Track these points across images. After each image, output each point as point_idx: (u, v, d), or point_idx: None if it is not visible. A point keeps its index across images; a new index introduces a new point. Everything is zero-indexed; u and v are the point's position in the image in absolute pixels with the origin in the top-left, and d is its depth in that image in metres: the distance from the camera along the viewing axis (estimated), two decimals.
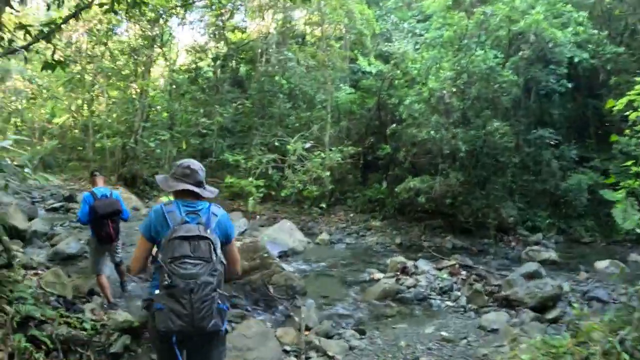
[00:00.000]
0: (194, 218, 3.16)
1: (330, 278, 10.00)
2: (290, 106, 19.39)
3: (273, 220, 15.64)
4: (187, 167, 3.34)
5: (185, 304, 2.90)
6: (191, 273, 2.92)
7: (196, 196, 3.31)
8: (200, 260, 2.97)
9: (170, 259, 2.94)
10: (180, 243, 2.98)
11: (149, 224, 3.21)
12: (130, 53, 20.38)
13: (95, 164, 20.91)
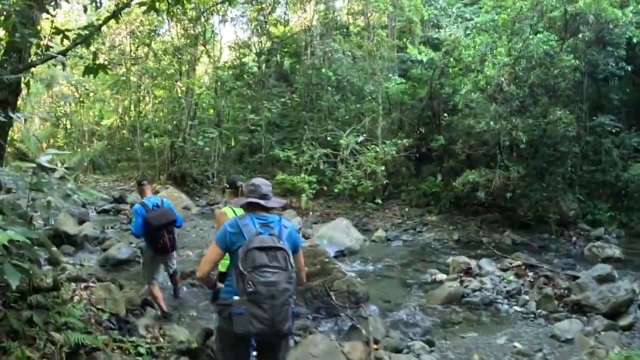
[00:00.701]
0: (266, 230, 3.47)
1: (390, 280, 9.70)
2: (339, 98, 19.11)
3: (326, 216, 15.45)
4: (252, 184, 3.73)
5: (267, 309, 3.20)
6: (271, 281, 3.22)
7: (263, 208, 3.62)
8: (278, 269, 3.27)
9: (252, 267, 3.23)
10: (259, 254, 3.27)
11: (224, 234, 3.51)
12: (174, 52, 20.46)
13: (144, 164, 21.36)
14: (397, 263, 10.90)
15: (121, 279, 8.52)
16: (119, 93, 22.85)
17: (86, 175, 21.62)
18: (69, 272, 7.21)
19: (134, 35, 20.73)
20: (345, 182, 15.40)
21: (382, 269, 10.48)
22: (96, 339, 4.55)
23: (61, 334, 4.32)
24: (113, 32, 20.87)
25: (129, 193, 17.83)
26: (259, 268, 3.24)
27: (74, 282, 6.84)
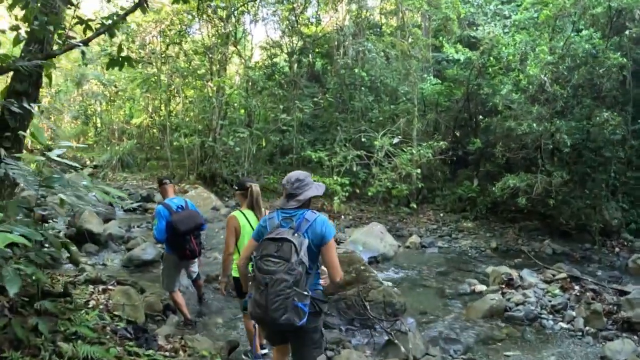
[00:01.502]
0: (288, 223, 3.62)
1: (427, 289, 9.24)
2: (373, 99, 18.68)
3: (359, 220, 15.03)
4: (283, 183, 3.85)
5: (260, 293, 3.38)
6: (269, 269, 3.37)
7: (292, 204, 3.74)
8: (280, 259, 3.38)
9: (260, 256, 3.47)
10: (268, 243, 3.48)
11: (258, 228, 3.81)
12: (204, 52, 20.24)
13: (174, 163, 21.13)
14: (433, 271, 10.42)
15: (144, 280, 8.36)
16: (149, 92, 22.72)
17: (114, 173, 21.53)
18: (87, 274, 6.88)
19: (164, 34, 20.56)
20: (379, 185, 14.83)
21: (418, 277, 10.00)
22: (108, 351, 4.18)
23: (69, 345, 3.98)
24: (143, 30, 20.87)
25: (156, 192, 17.20)
26: (265, 257, 3.43)
27: (92, 284, 6.55)
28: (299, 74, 20.92)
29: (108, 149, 23.78)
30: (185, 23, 20.23)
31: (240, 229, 5.01)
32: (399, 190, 14.99)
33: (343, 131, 17.54)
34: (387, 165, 15.22)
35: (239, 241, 5.01)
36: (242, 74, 21.56)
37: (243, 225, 5.02)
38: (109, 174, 21.38)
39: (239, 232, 5.00)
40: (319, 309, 3.73)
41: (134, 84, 23.22)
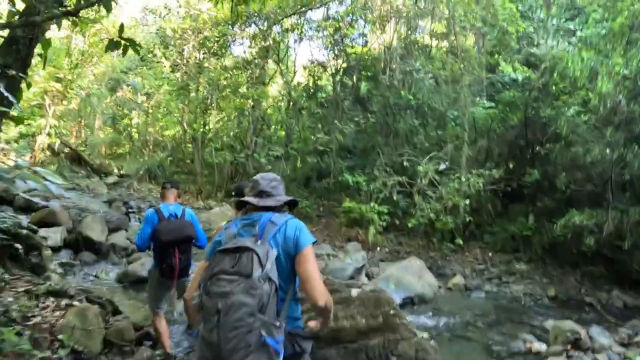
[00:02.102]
0: (248, 230, 2.81)
1: (470, 343, 7.54)
2: (419, 123, 17.21)
3: (396, 254, 13.42)
4: (253, 180, 3.09)
5: (211, 328, 2.44)
6: (222, 291, 2.46)
7: (259, 208, 2.93)
8: (236, 275, 2.50)
9: (209, 275, 2.57)
10: (221, 257, 2.61)
11: (212, 245, 2.91)
12: (243, 65, 19.61)
13: (204, 179, 20.30)
14: (479, 321, 8.66)
15: (136, 299, 7.49)
16: (184, 103, 22.05)
17: (140, 184, 21.12)
18: (50, 284, 5.64)
19: (202, 44, 19.83)
20: (422, 215, 13.19)
21: (460, 326, 8.30)
22: None
23: None
24: (179, 37, 20.36)
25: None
26: (216, 275, 2.55)
27: (54, 296, 5.33)
28: (342, 96, 19.84)
29: (140, 160, 23.61)
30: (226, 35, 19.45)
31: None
32: (443, 223, 13.24)
33: (384, 156, 16.07)
34: (432, 195, 13.58)
35: None
36: (284, 93, 20.57)
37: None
38: (135, 184, 20.99)
39: None
40: (301, 349, 2.79)
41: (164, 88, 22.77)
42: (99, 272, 8.99)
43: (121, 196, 18.20)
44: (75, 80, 22.31)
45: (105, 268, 9.31)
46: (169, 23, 21.22)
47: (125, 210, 14.96)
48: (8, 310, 4.13)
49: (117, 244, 10.34)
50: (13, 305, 4.39)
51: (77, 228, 10.22)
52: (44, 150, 20.93)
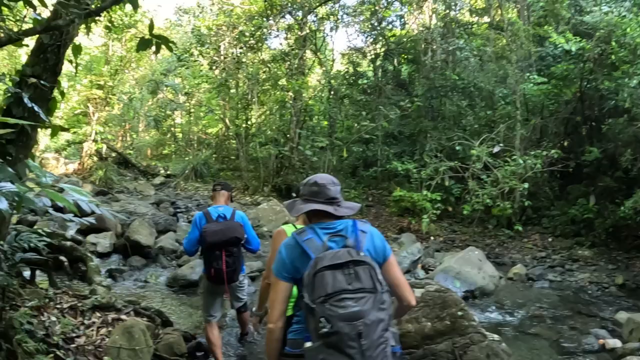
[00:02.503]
0: (338, 241, 2.51)
1: (538, 340, 7.01)
2: (467, 104, 16.61)
3: (450, 243, 12.92)
4: (314, 183, 2.70)
5: (354, 355, 2.21)
6: (355, 312, 2.23)
7: (331, 216, 2.61)
8: (362, 292, 2.29)
9: (324, 297, 2.25)
10: (332, 275, 2.30)
11: (282, 261, 2.56)
12: (282, 57, 19.41)
13: (249, 174, 20.29)
14: (545, 314, 8.06)
15: (187, 305, 7.31)
16: (225, 100, 22.08)
17: (187, 183, 21.27)
18: (96, 297, 5.38)
19: (239, 40, 19.74)
20: (477, 202, 12.65)
21: (526, 321, 7.74)
22: None
23: None
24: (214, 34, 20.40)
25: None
26: (335, 295, 2.26)
27: (101, 311, 5.09)
28: (384, 81, 19.41)
29: (185, 159, 23.90)
30: (261, 27, 19.26)
31: None
32: (500, 209, 12.63)
33: (434, 140, 15.54)
34: (486, 179, 13.00)
35: None
36: (324, 83, 20.27)
37: None
38: (181, 183, 21.24)
39: None
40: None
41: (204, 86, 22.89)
42: (148, 276, 8.84)
43: (168, 196, 18.33)
44: (117, 86, 22.68)
45: (155, 272, 9.17)
46: (203, 21, 21.25)
47: (173, 211, 15.03)
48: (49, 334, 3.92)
49: (165, 247, 10.21)
50: (56, 326, 4.19)
51: (125, 232, 10.18)
52: (91, 156, 21.29)
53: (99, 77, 21.21)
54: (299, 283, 2.50)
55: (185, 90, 24.83)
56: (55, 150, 25.26)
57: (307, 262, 2.43)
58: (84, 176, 20.43)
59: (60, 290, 5.60)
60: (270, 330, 2.53)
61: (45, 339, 3.77)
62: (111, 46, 22.37)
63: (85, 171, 20.97)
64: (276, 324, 2.52)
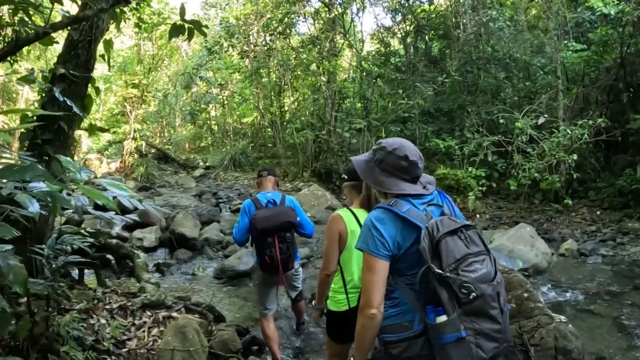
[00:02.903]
0: (434, 210, 2.39)
1: (598, 319, 6.78)
2: (504, 76, 16.12)
3: (497, 220, 12.66)
4: (404, 157, 2.41)
5: (496, 315, 2.19)
6: (485, 273, 2.19)
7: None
8: (482, 254, 2.25)
9: (454, 264, 2.14)
10: (453, 241, 2.20)
11: (379, 237, 2.27)
12: (311, 41, 19.38)
13: (287, 160, 20.41)
14: (602, 291, 7.88)
15: (235, 297, 7.24)
16: (257, 88, 22.19)
17: (226, 173, 21.53)
18: (146, 295, 5.29)
19: (267, 27, 19.73)
20: (524, 176, 12.32)
21: (583, 299, 7.56)
22: None
23: None
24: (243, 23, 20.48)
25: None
26: (464, 260, 2.16)
27: (151, 309, 5.01)
28: (416, 59, 19.07)
29: (223, 150, 24.17)
30: (289, 13, 19.16)
31: (347, 237, 3.45)
32: (549, 182, 12.26)
33: (474, 114, 15.15)
34: (532, 152, 12.60)
35: (344, 255, 3.49)
36: (355, 65, 20.06)
37: (352, 232, 3.43)
38: (221, 174, 21.48)
39: (345, 241, 3.46)
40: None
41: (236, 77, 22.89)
42: (195, 269, 8.84)
43: (209, 188, 18.52)
44: (151, 84, 23.12)
45: (202, 264, 9.18)
46: (230, 12, 21.23)
47: (215, 202, 15.18)
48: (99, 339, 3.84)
49: (210, 238, 10.27)
50: (106, 329, 4.12)
51: (170, 226, 10.25)
52: (131, 153, 21.66)
53: (133, 77, 21.62)
54: (395, 261, 2.33)
55: (218, 82, 24.96)
56: (98, 151, 25.86)
57: (412, 234, 2.28)
58: (126, 173, 20.86)
59: (109, 290, 5.58)
60: (372, 316, 2.27)
61: (94, 345, 3.68)
62: (142, 46, 22.70)
63: (127, 168, 21.38)
64: (378, 308, 2.27)
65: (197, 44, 26.00)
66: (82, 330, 3.65)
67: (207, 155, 26.19)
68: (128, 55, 25.14)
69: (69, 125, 4.85)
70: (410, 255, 2.29)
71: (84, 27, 4.88)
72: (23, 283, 2.13)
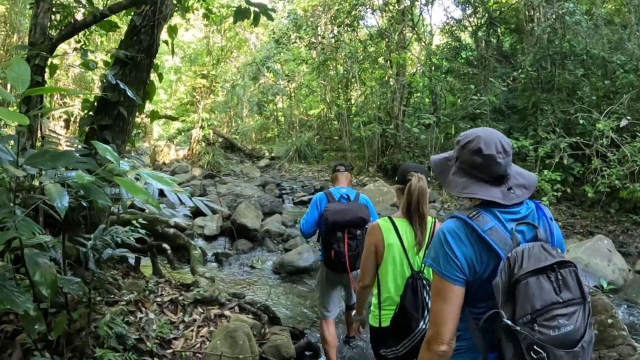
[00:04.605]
0: (525, 231, 1.87)
1: None
2: (581, 74, 15.24)
3: (570, 229, 11.88)
4: (478, 151, 1.93)
5: None
6: (569, 332, 1.68)
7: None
8: (573, 305, 1.71)
9: (532, 315, 1.66)
10: (537, 283, 1.69)
11: (451, 256, 1.84)
12: (380, 33, 19.11)
13: (353, 154, 20.30)
14: None
15: (294, 295, 7.05)
16: (325, 80, 22.19)
17: (291, 165, 21.63)
18: (199, 291, 5.05)
19: (335, 19, 19.63)
20: (602, 182, 11.47)
21: None
22: None
23: None
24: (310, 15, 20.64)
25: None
26: (545, 312, 1.65)
27: (203, 305, 4.83)
28: (488, 53, 18.42)
29: (289, 141, 24.38)
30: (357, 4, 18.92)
31: (383, 249, 3.17)
32: (629, 191, 11.37)
33: (550, 113, 14.40)
34: (613, 157, 11.75)
35: (381, 268, 3.20)
36: (424, 59, 19.56)
37: (389, 245, 3.16)
38: (285, 165, 21.65)
39: (382, 253, 3.18)
40: None
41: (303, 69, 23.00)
42: (254, 261, 8.73)
43: (273, 178, 18.58)
44: (220, 75, 23.60)
45: (261, 256, 9.07)
46: (298, 4, 21.18)
47: (278, 193, 15.15)
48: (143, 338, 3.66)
49: (271, 230, 10.17)
50: (152, 326, 3.95)
51: (232, 215, 10.24)
52: (199, 142, 22.04)
53: (202, 67, 22.06)
54: (467, 287, 1.90)
55: (285, 74, 25.06)
56: (168, 139, 26.49)
57: (492, 260, 1.84)
58: (193, 161, 21.24)
59: (163, 280, 5.47)
60: (442, 354, 1.86)
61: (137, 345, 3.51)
62: (212, 38, 23.07)
63: (195, 156, 21.79)
64: (450, 344, 1.86)
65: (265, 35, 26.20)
66: (125, 328, 3.48)
67: (272, 145, 26.46)
68: (198, 47, 25.65)
69: (128, 111, 4.78)
70: (485, 287, 1.86)
71: (146, 12, 4.79)
72: (51, 284, 1.96)
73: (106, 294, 4.03)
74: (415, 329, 2.96)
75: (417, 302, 3.02)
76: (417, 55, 21.68)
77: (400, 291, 3.10)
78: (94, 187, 1.97)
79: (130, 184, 1.95)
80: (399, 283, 3.14)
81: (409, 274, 3.13)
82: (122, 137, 4.83)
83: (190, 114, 23.54)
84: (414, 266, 3.15)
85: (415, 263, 3.16)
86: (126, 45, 4.77)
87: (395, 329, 3.05)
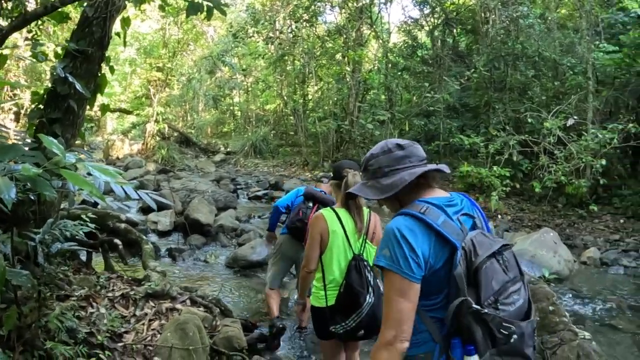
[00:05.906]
0: (466, 221, 1.96)
1: (617, 333, 6.44)
2: (533, 75, 15.71)
3: (519, 222, 12.29)
4: (396, 146, 2.06)
5: (530, 354, 1.86)
6: (522, 305, 1.87)
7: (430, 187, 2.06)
8: (518, 281, 1.91)
9: (494, 295, 1.79)
10: (491, 265, 1.82)
11: (409, 253, 1.83)
12: (338, 29, 19.47)
13: (308, 150, 20.50)
14: (624, 304, 7.49)
15: (246, 288, 7.17)
16: (282, 75, 22.22)
17: (246, 160, 21.68)
18: (150, 285, 5.03)
19: (294, 14, 19.75)
20: (549, 179, 11.89)
21: (605, 311, 7.23)
22: None
23: None
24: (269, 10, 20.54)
25: (286, 179, 17.11)
26: (503, 291, 1.82)
27: (154, 299, 4.83)
28: (443, 53, 18.77)
29: (245, 136, 24.50)
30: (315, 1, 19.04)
31: (328, 236, 3.53)
32: (575, 187, 11.83)
33: (501, 112, 14.81)
34: (559, 155, 12.21)
35: (326, 254, 3.55)
36: (381, 56, 19.82)
37: (333, 232, 3.52)
38: (241, 160, 21.72)
39: (326, 241, 3.53)
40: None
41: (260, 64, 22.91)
42: (207, 256, 8.79)
43: (228, 173, 18.56)
44: (176, 68, 23.33)
45: (215, 251, 9.12)
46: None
47: (233, 188, 15.16)
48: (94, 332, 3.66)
49: (225, 225, 10.17)
50: (103, 320, 3.95)
51: (185, 211, 10.22)
52: (154, 136, 21.78)
53: (158, 60, 21.70)
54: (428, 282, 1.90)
55: (242, 68, 24.96)
56: (122, 133, 26.06)
57: (445, 253, 1.87)
58: (147, 155, 20.97)
59: (115, 275, 5.44)
60: (404, 350, 1.86)
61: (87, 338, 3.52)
62: (168, 30, 22.81)
63: (149, 151, 21.53)
64: (409, 340, 1.87)
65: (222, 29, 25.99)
66: (76, 322, 3.48)
67: (228, 140, 26.40)
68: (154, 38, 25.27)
69: (79, 104, 4.72)
70: (437, 279, 1.89)
71: (99, 4, 4.74)
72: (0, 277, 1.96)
73: (57, 289, 3.99)
74: (363, 303, 3.26)
75: (362, 279, 3.35)
76: (375, 53, 21.94)
77: (344, 273, 3.43)
78: (41, 179, 1.98)
79: (75, 176, 1.94)
80: (342, 266, 3.47)
81: (351, 256, 3.47)
82: (72, 130, 4.77)
83: (145, 108, 23.14)
84: (355, 250, 3.50)
85: (356, 247, 3.52)
86: (78, 37, 4.71)
87: (343, 305, 3.35)
